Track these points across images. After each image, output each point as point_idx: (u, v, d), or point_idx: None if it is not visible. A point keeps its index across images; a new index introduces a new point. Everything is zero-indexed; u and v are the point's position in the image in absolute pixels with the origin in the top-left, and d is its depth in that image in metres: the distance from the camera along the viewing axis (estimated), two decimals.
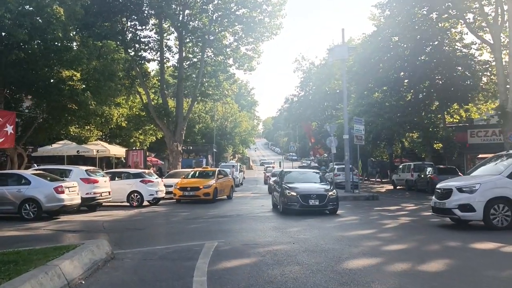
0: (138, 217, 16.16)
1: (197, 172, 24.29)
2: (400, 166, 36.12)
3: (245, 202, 22.49)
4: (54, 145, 26.36)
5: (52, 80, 21.42)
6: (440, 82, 34.73)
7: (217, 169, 24.44)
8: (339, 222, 13.69)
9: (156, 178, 21.41)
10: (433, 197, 12.51)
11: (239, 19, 34.14)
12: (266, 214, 16.02)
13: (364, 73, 35.22)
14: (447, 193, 11.69)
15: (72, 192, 15.67)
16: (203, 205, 20.31)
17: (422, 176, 29.70)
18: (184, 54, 35.25)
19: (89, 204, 17.67)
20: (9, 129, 19.23)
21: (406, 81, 36.45)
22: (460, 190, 11.42)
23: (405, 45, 33.78)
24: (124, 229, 12.72)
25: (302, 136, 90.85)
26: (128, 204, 19.97)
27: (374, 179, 48.71)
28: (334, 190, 15.78)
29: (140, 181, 19.95)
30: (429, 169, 29.26)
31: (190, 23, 34.42)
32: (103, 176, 18.72)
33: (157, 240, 10.96)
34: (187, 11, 33.99)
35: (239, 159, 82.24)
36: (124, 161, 32.28)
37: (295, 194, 14.96)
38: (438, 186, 12.55)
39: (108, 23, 28.55)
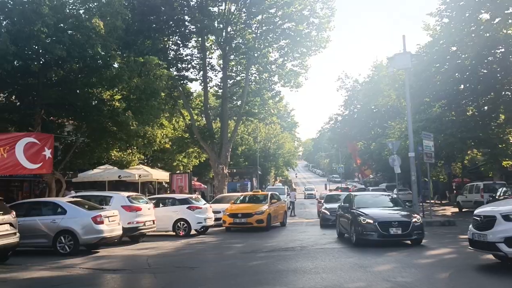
0: (186, 249, 14.12)
1: (247, 197, 22.16)
2: (467, 186, 32.85)
3: (302, 229, 20.15)
4: (95, 170, 24.92)
5: (91, 101, 19.98)
6: (510, 93, 31.54)
7: (270, 193, 22.23)
8: (432, 256, 11.21)
9: (204, 204, 19.39)
10: (470, 227, 9.77)
11: (285, 34, 32.27)
12: (335, 246, 13.65)
13: (419, 86, 32.50)
14: (489, 221, 8.99)
15: (112, 222, 13.82)
16: (256, 233, 18.13)
17: (496, 197, 26.47)
18: (227, 73, 33.63)
19: (132, 235, 15.78)
20: (47, 153, 17.74)
21: (466, 93, 33.46)
22: (507, 217, 8.66)
23: (465, 55, 30.96)
24: (172, 268, 10.67)
25: (347, 156, 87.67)
26: (174, 233, 17.97)
27: (430, 201, 45.24)
28: (418, 216, 13.27)
29: (187, 208, 17.96)
30: (503, 189, 26.05)
31: (233, 40, 32.84)
32: (147, 202, 16.87)
33: (215, 284, 8.80)
34: (229, 28, 32.47)
35: (282, 182, 79.79)
36: (166, 186, 30.59)
37: (371, 221, 12.52)
38: (476, 211, 9.83)
39: (149, 41, 27.24)
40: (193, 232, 18.17)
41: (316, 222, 24.36)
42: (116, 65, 19.52)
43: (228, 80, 33.79)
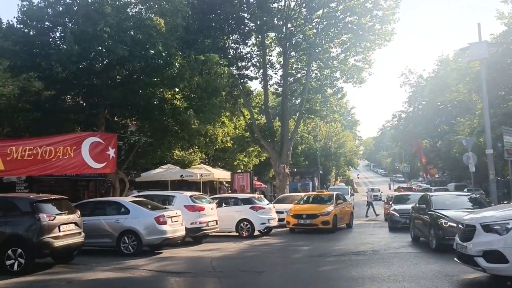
0: (251, 252, 13.55)
1: (311, 197, 21.35)
2: None
3: (370, 232, 19.12)
4: (157, 170, 25.02)
5: (153, 100, 19.94)
6: None
7: (335, 193, 21.30)
8: None
9: (267, 204, 18.80)
10: (456, 237, 8.55)
11: (347, 28, 31.10)
12: (410, 251, 12.61)
13: (492, 79, 30.31)
14: (470, 231, 7.80)
15: (175, 222, 13.50)
16: (322, 235, 17.31)
17: None
18: (287, 70, 32.89)
19: (195, 236, 15.43)
20: (111, 152, 17.78)
21: None
22: (486, 228, 7.44)
23: None
24: (237, 271, 10.10)
25: (411, 155, 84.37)
26: (237, 234, 17.49)
27: (502, 202, 42.26)
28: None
29: (250, 208, 17.43)
30: None
31: (294, 37, 32.07)
32: (209, 202, 16.49)
33: None
34: (289, 24, 31.72)
35: (343, 181, 77.98)
36: (227, 186, 30.35)
37: (454, 224, 11.35)
38: (463, 218, 8.60)
39: (209, 40, 27.05)
40: (256, 233, 17.61)
41: (383, 223, 23.16)
42: (177, 64, 19.38)
43: (289, 78, 33.07)
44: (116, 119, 20.93)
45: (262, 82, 32.82)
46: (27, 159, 15.90)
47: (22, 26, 17.19)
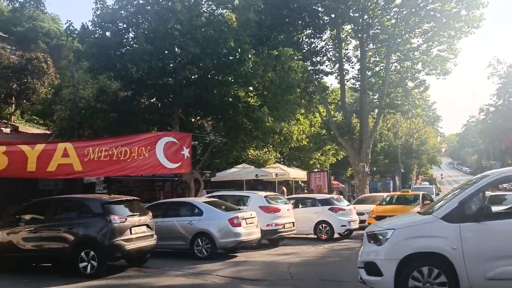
0: (331, 257, 12.58)
1: (395, 197, 19.89)
2: None
3: None
4: (232, 169, 24.66)
5: (226, 98, 19.46)
6: None
7: (421, 193, 19.67)
8: None
9: (348, 205, 17.66)
10: None
11: (429, 16, 28.92)
12: None
13: None
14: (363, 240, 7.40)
15: (250, 224, 12.84)
16: None
17: None
18: (365, 64, 31.29)
19: (271, 238, 14.67)
20: (186, 152, 17.47)
21: None
22: (371, 237, 7.00)
23: None
24: (318, 280, 9.19)
25: (501, 152, 78.41)
26: (315, 236, 16.53)
27: None
28: None
29: (329, 209, 16.40)
30: None
31: (371, 28, 30.42)
32: (286, 203, 15.66)
33: None
34: (366, 16, 30.14)
35: (425, 180, 74.02)
36: (302, 185, 29.44)
37: None
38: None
39: (282, 36, 26.28)
40: (336, 235, 16.56)
41: None
42: (250, 59, 18.79)
43: (367, 72, 31.47)
44: (190, 119, 20.72)
45: (338, 77, 31.51)
46: (104, 160, 15.94)
47: (97, 28, 17.34)
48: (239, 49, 18.16)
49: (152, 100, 20.43)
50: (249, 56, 18.51)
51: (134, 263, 11.00)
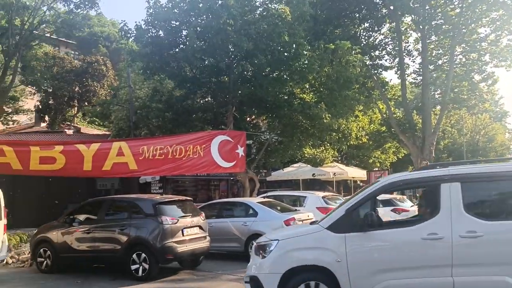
0: None
1: None
2: None
3: None
4: (288, 169, 24.07)
5: (281, 95, 18.88)
6: None
7: None
8: None
9: (411, 206, 16.61)
10: None
11: (498, 3, 26.93)
12: None
13: None
14: None
15: None
16: None
17: None
18: (427, 57, 29.67)
19: None
20: (240, 151, 17.06)
21: None
22: (258, 248, 6.43)
23: None
24: None
25: None
26: None
27: None
28: None
29: (392, 210, 15.44)
30: None
31: (433, 19, 28.81)
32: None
33: None
34: (427, 6, 28.56)
35: None
36: (361, 185, 28.33)
37: None
38: None
39: (339, 30, 25.37)
40: None
41: None
42: (305, 54, 18.12)
43: (429, 65, 29.84)
44: (244, 117, 20.34)
45: (399, 72, 30.08)
46: (158, 159, 15.81)
47: (150, 27, 17.27)
48: (293, 44, 17.53)
49: (206, 99, 20.22)
50: (304, 50, 17.85)
51: (187, 265, 10.67)
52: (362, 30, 29.10)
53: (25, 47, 19.85)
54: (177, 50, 17.29)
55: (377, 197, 6.48)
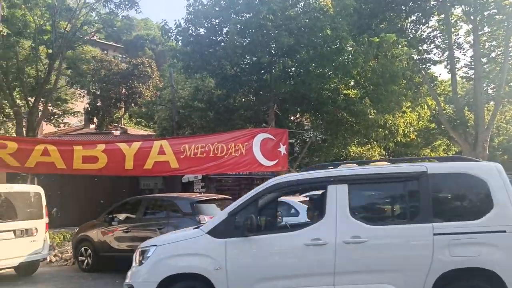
0: None
1: None
2: None
3: None
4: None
5: (324, 91, 18.37)
6: None
7: None
8: None
9: None
10: None
11: None
12: None
13: None
14: None
15: None
16: None
17: None
18: (479, 49, 28.25)
19: None
20: (282, 149, 16.70)
21: None
22: (139, 254, 5.92)
23: None
24: None
25: None
26: None
27: None
28: None
29: None
30: None
31: (485, 9, 27.39)
32: None
33: None
34: None
35: None
36: None
37: None
38: None
39: (384, 23, 24.55)
40: None
41: None
42: (349, 48, 17.56)
43: (481, 58, 28.42)
44: (286, 115, 19.98)
45: (449, 66, 28.81)
46: (200, 157, 15.69)
47: (189, 25, 17.21)
48: (336, 38, 17.02)
49: (247, 97, 20.02)
50: (348, 45, 17.30)
51: None
52: (409, 23, 28.06)
53: (67, 49, 20.28)
54: (217, 48, 17.12)
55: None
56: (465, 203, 5.72)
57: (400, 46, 18.30)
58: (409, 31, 27.99)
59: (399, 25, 26.08)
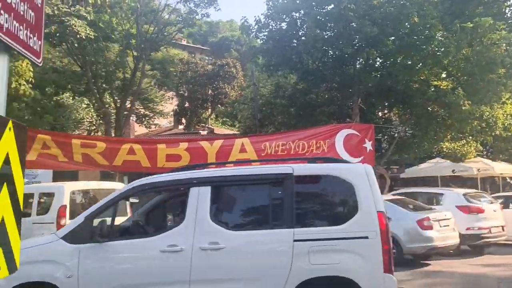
0: None
1: None
2: None
3: None
4: (423, 165, 22.07)
5: (412, 83, 17.27)
6: None
7: None
8: None
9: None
10: None
11: None
12: None
13: None
14: None
15: (444, 227, 10.78)
16: None
17: None
18: None
19: (473, 244, 12.20)
20: (368, 145, 15.81)
21: None
22: None
23: None
24: None
25: None
26: None
27: None
28: None
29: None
30: None
31: None
32: (491, 202, 12.94)
33: None
34: None
35: None
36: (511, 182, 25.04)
37: None
38: None
39: (480, 8, 22.63)
40: None
41: None
42: (438, 37, 16.33)
43: None
44: (372, 109, 19.08)
45: None
46: (281, 155, 15.43)
47: (269, 20, 16.98)
48: (425, 26, 15.88)
49: (330, 92, 19.41)
50: (437, 32, 16.09)
51: None
52: (510, 7, 25.77)
53: (151, 50, 20.97)
54: (297, 42, 16.74)
55: None
56: (330, 207, 5.35)
57: (498, 30, 16.69)
58: (509, 14, 25.67)
59: (496, 9, 23.98)
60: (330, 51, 16.42)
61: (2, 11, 2.22)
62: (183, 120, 38.09)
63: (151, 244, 5.17)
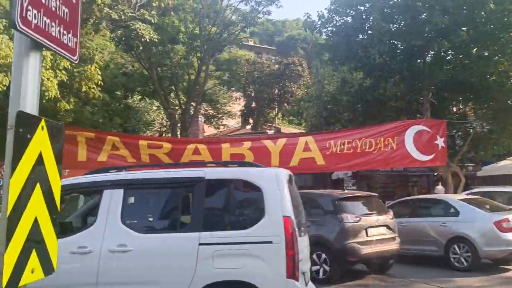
0: None
1: None
2: None
3: None
4: (502, 162, 20.62)
5: (489, 75, 16.14)
6: None
7: None
8: None
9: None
10: None
11: None
12: None
13: None
14: None
15: None
16: None
17: None
18: None
19: None
20: (440, 142, 14.98)
21: None
22: None
23: None
24: None
25: None
26: None
27: None
28: None
29: None
30: None
31: None
32: None
33: None
34: None
35: None
36: None
37: None
38: None
39: None
40: None
41: None
42: None
43: None
44: (444, 104, 18.06)
45: None
46: (347, 153, 14.90)
47: (333, 15, 16.54)
48: (503, 13, 14.77)
49: (398, 87, 18.62)
50: None
51: (375, 269, 9.57)
52: None
53: (215, 50, 21.16)
54: (363, 36, 16.17)
55: None
56: (239, 211, 5.31)
57: None
58: None
59: None
60: (397, 44, 15.67)
61: (30, 7, 2.18)
62: (250, 120, 38.34)
63: (62, 245, 5.20)
